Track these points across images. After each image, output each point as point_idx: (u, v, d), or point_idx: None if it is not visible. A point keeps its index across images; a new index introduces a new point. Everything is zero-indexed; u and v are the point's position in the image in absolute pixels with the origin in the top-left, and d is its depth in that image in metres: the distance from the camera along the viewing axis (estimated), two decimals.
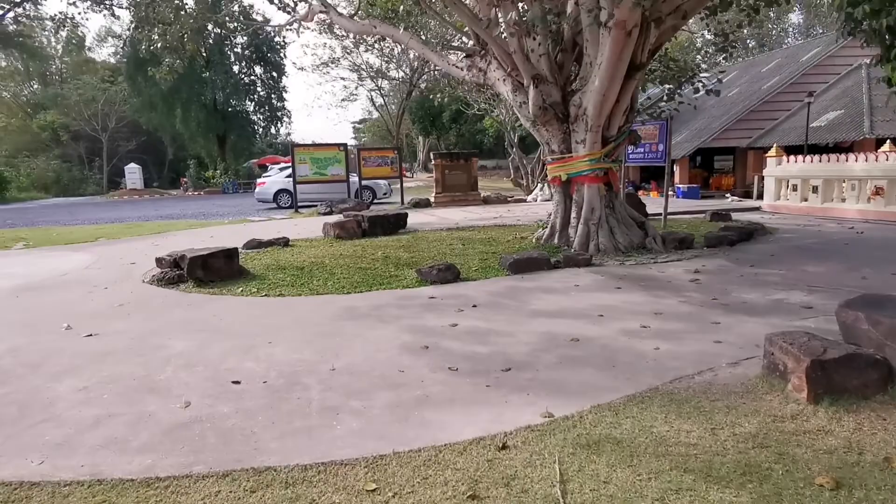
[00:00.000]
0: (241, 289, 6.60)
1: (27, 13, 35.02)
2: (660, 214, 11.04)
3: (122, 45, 35.34)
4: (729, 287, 6.10)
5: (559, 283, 6.46)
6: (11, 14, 34.32)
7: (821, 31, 39.30)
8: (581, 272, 7.06)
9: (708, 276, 6.66)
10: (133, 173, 38.24)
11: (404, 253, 8.62)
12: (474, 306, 5.56)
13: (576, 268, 7.30)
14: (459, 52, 9.96)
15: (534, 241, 9.19)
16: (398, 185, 19.03)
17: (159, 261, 7.61)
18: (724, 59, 10.78)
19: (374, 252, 8.76)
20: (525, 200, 17.87)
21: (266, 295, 6.31)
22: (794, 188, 13.50)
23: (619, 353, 4.11)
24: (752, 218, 12.52)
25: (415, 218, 12.90)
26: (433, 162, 16.90)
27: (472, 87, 18.22)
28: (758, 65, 30.34)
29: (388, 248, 9.19)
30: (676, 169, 24.92)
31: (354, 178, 18.52)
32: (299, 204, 19.00)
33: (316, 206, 17.05)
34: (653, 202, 14.16)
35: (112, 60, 48.88)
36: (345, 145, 16.87)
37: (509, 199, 17.83)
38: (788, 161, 13.77)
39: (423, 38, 10.55)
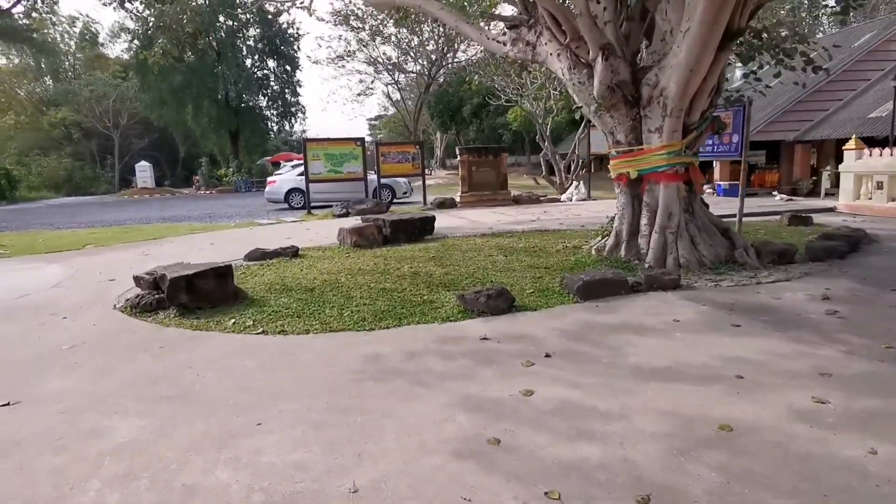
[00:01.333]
0: (233, 320, 5.11)
1: (36, 6, 34.07)
2: (731, 216, 9.37)
3: (131, 39, 34.18)
4: (891, 325, 4.45)
5: (652, 318, 4.85)
6: (20, 7, 33.42)
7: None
8: (672, 298, 5.44)
9: (847, 307, 5.00)
10: (144, 171, 37.20)
11: (436, 267, 7.07)
12: (547, 356, 3.99)
13: (662, 291, 5.68)
14: (501, 24, 8.35)
15: (593, 252, 7.58)
16: (418, 183, 17.52)
17: (138, 280, 6.15)
18: (833, 23, 8.89)
19: (399, 266, 7.23)
20: (559, 200, 16.22)
21: (264, 331, 4.81)
22: (880, 186, 11.69)
23: (814, 465, 2.52)
24: (831, 220, 10.76)
25: (441, 221, 11.36)
26: (459, 158, 15.34)
27: (502, 72, 16.62)
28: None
29: (415, 260, 7.66)
30: (716, 164, 23.05)
31: (372, 177, 17.03)
32: (312, 205, 17.57)
33: (331, 206, 15.59)
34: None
35: (126, 56, 48.05)
36: (362, 140, 15.37)
37: (542, 198, 16.20)
38: (872, 154, 11.95)
39: (456, 7, 8.93)
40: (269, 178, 18.41)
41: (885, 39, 22.13)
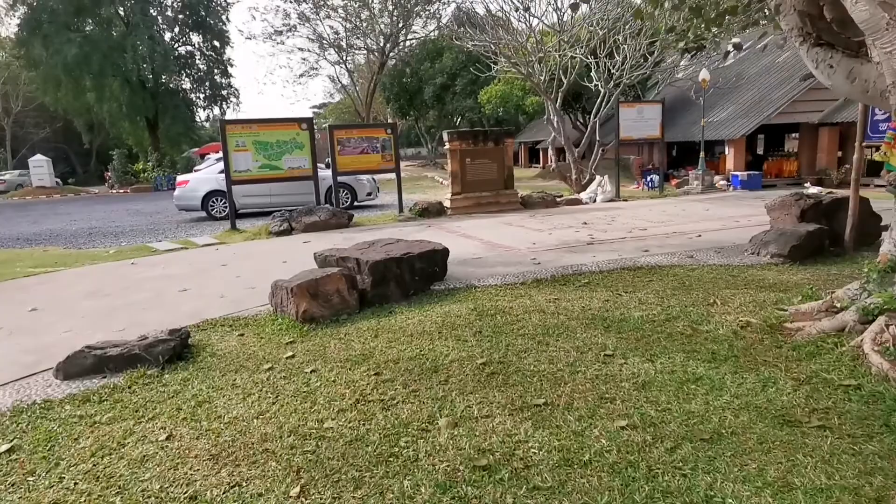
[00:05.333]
0: None
1: None
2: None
3: (11, 3, 27.62)
4: None
5: None
6: None
7: None
8: None
9: None
10: (40, 167, 30.77)
11: (507, 416, 2.81)
12: None
13: None
14: None
15: (826, 337, 3.47)
16: (387, 177, 13.06)
17: None
18: None
19: (414, 410, 2.92)
20: (580, 201, 12.16)
21: None
22: None
23: None
24: None
25: (434, 241, 7.07)
26: (448, 146, 11.01)
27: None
28: None
29: (446, 374, 3.35)
30: (729, 152, 19.65)
31: (325, 173, 12.46)
32: (240, 212, 12.94)
33: (268, 216, 10.98)
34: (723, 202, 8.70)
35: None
36: (308, 121, 10.77)
37: (558, 199, 12.08)
38: None
39: None
40: (179, 178, 13.42)
41: None
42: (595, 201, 12.26)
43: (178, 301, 5.52)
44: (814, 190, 16.58)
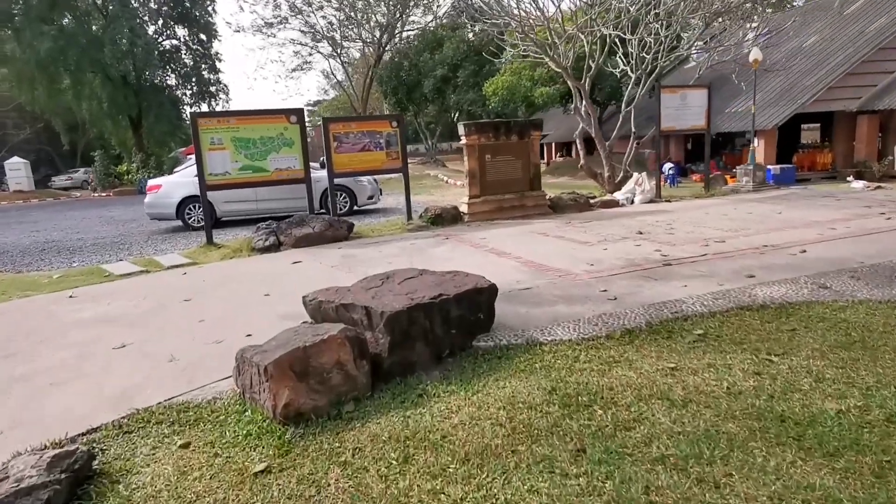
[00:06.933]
0: None
1: None
2: None
3: None
4: None
5: None
6: None
7: None
8: None
9: None
10: (17, 171, 29.11)
11: None
12: None
13: None
14: None
15: None
16: (386, 179, 11.35)
17: None
18: None
19: None
20: (617, 203, 10.44)
21: None
22: None
23: None
24: None
25: (461, 262, 5.39)
26: (464, 140, 9.27)
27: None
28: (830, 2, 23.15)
29: None
30: (758, 143, 17.93)
31: (320, 174, 10.75)
32: (223, 220, 11.29)
33: (256, 224, 9.27)
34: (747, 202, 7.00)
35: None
36: (299, 113, 9.02)
37: (592, 200, 10.36)
38: None
39: None
40: (150, 182, 11.63)
41: None
42: (633, 202, 10.55)
43: (107, 367, 3.81)
44: (858, 184, 14.94)
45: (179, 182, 11.05)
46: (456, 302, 3.72)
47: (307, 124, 10.16)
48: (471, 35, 30.74)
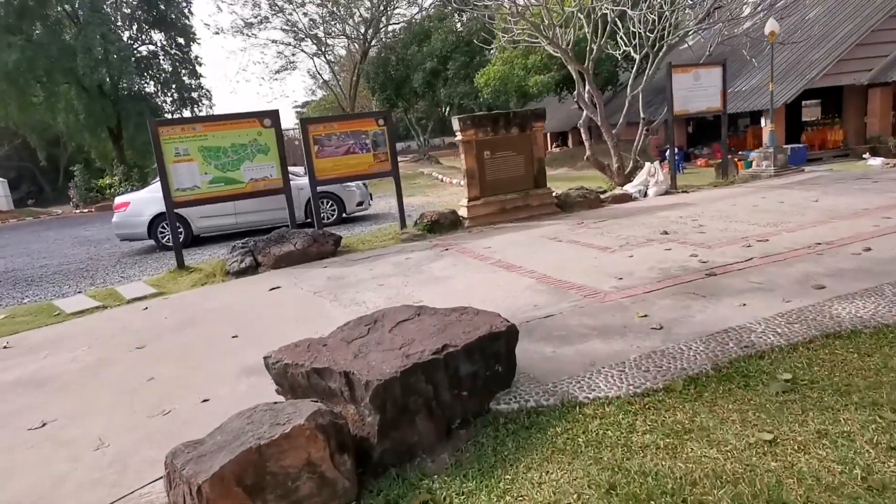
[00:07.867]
0: None
1: None
2: None
3: None
4: None
5: None
6: None
7: None
8: None
9: None
10: None
11: None
12: None
13: None
14: None
15: None
16: (381, 186, 10.40)
17: None
18: None
19: None
20: (629, 196, 9.52)
21: None
22: None
23: None
24: None
25: (463, 282, 4.48)
26: (461, 136, 8.34)
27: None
28: None
29: None
30: (766, 124, 17.01)
31: (304, 181, 9.82)
32: (201, 236, 10.42)
33: (232, 241, 8.34)
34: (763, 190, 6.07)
35: None
36: (273, 114, 8.06)
37: (603, 196, 9.44)
38: None
39: None
40: (117, 200, 10.63)
41: None
42: (646, 195, 9.65)
43: (9, 463, 2.90)
44: (876, 161, 14.06)
45: (149, 198, 10.08)
46: (466, 354, 2.82)
47: (294, 128, 9.18)
48: (459, 25, 29.74)
